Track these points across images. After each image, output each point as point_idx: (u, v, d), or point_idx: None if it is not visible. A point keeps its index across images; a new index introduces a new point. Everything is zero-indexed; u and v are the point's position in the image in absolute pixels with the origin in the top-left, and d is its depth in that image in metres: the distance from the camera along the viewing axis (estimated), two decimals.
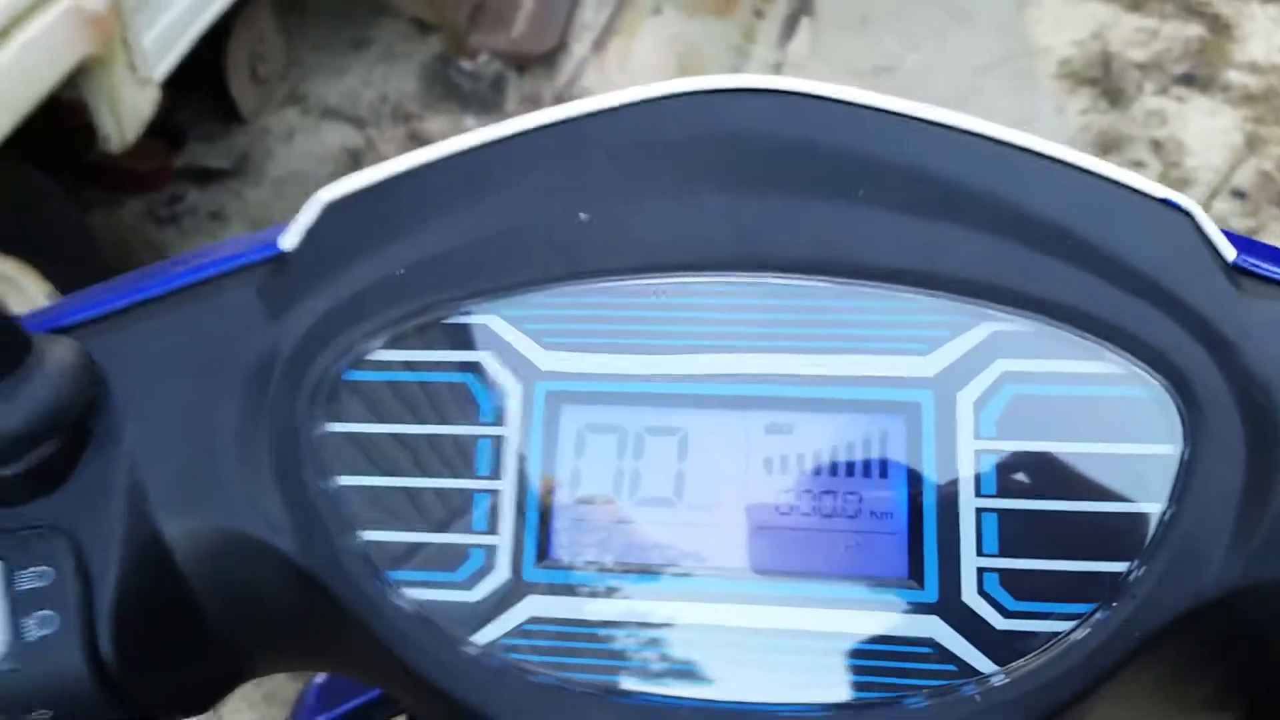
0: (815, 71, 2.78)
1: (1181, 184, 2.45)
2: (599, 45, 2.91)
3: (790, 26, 2.95)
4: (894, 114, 0.32)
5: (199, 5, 2.10)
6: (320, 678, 0.53)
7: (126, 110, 1.90)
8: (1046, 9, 2.92)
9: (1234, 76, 2.70)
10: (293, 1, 2.78)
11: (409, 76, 2.82)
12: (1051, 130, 2.56)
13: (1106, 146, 2.53)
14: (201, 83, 2.38)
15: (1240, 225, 2.36)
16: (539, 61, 2.81)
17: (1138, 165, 2.50)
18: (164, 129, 2.17)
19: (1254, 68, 2.71)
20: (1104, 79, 2.71)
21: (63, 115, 1.80)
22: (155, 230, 2.43)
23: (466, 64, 2.73)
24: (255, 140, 2.64)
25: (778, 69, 2.80)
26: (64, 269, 1.85)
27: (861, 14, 2.95)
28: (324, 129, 2.69)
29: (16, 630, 0.30)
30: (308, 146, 2.64)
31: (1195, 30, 2.82)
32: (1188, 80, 2.69)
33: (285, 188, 2.54)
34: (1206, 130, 2.56)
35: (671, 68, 2.84)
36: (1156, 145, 2.54)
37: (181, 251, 2.31)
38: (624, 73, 2.82)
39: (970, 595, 0.30)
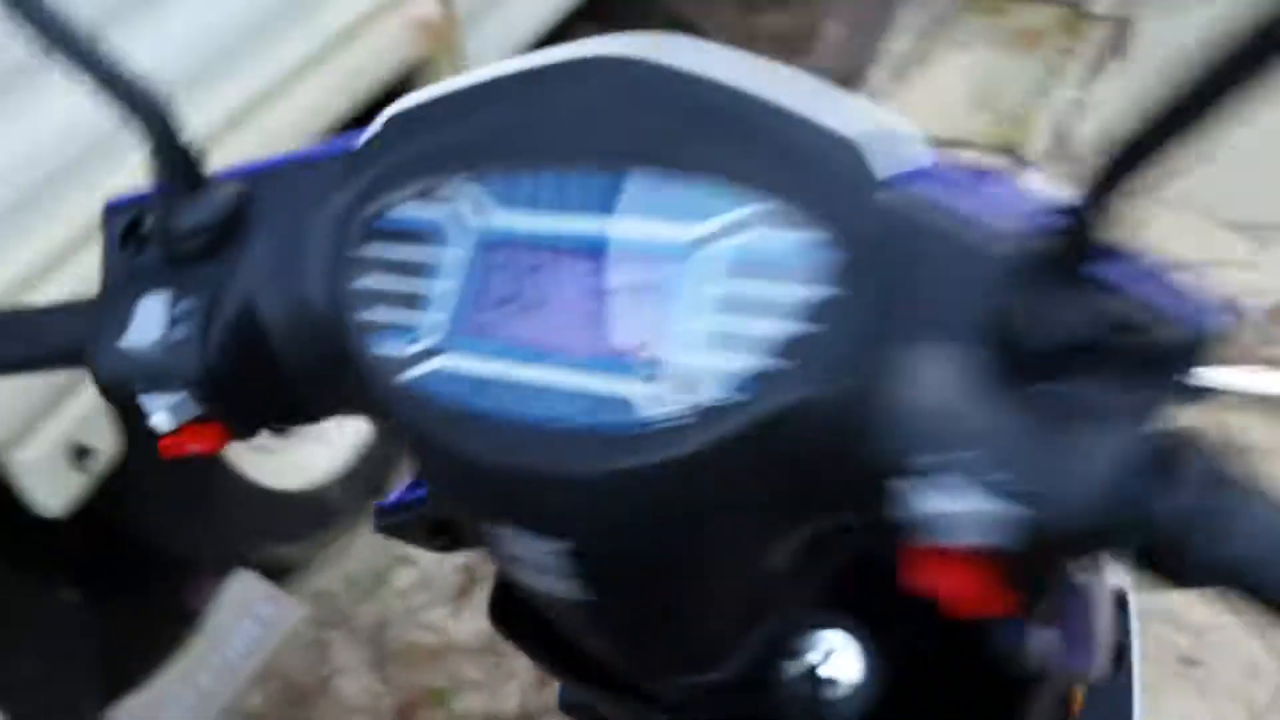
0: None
1: None
2: (899, 73, 2.98)
3: (1097, 67, 2.87)
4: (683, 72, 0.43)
5: (522, 21, 2.38)
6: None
7: None
8: None
9: None
10: (594, 14, 3.01)
11: None
12: None
13: None
14: None
15: None
16: (839, 84, 2.92)
17: None
18: None
19: None
20: None
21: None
22: None
23: None
24: None
25: (1079, 106, 2.76)
26: None
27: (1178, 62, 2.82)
28: None
29: (168, 334, 0.49)
30: None
31: None
32: None
33: None
34: None
35: (968, 98, 2.86)
36: None
37: None
38: (922, 100, 2.87)
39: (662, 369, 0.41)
